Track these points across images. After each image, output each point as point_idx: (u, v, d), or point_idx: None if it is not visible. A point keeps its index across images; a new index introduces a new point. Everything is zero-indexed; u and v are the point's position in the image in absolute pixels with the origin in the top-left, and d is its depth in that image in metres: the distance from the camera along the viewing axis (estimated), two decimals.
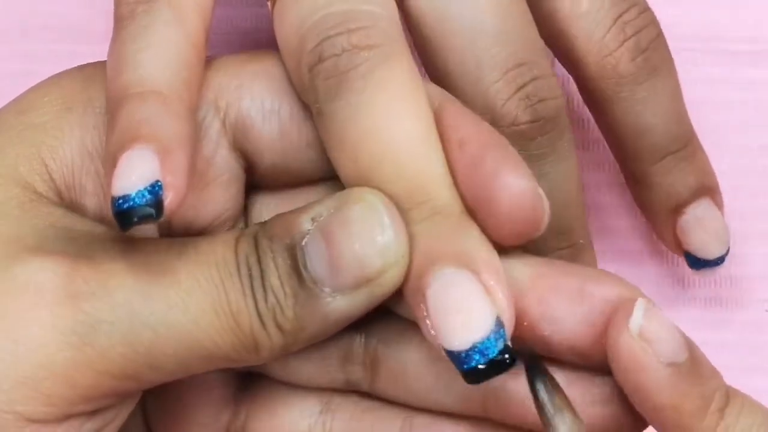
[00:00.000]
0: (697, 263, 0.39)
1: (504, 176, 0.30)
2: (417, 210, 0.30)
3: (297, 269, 0.29)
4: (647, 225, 0.40)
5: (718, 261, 0.39)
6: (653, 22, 0.37)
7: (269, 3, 0.33)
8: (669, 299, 0.42)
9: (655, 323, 0.30)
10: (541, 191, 0.30)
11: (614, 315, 0.30)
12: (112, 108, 0.30)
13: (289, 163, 0.33)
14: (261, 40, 0.42)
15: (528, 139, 0.34)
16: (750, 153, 0.42)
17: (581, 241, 0.36)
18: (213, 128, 0.32)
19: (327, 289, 0.29)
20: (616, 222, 0.42)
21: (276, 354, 0.30)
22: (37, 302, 0.29)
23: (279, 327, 0.29)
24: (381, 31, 0.31)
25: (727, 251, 0.39)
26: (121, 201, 0.28)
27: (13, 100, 0.33)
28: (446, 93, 0.33)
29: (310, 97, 0.31)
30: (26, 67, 0.41)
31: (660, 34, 0.37)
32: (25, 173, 0.31)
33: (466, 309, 0.28)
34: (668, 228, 0.39)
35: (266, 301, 0.29)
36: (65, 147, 0.32)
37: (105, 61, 0.32)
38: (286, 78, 0.32)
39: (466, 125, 0.31)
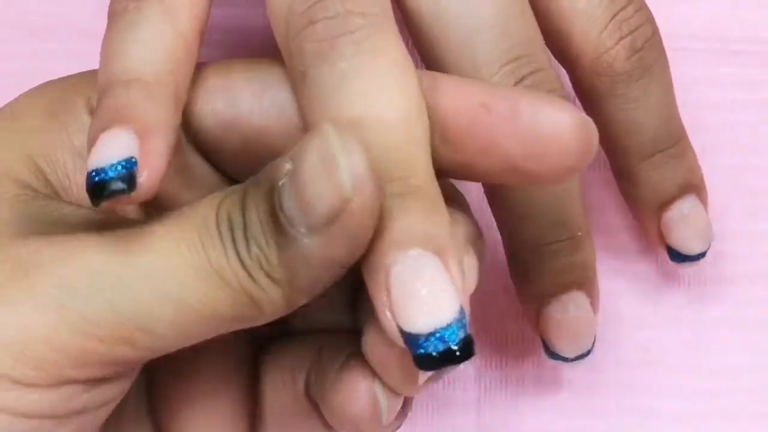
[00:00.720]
0: (678, 257, 0.39)
1: (548, 115, 0.30)
2: (392, 184, 0.29)
3: (274, 213, 0.29)
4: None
5: (699, 256, 0.39)
6: (649, 21, 0.37)
7: None
8: (660, 294, 0.42)
9: None
10: (586, 116, 0.30)
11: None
12: (99, 97, 0.30)
13: (253, 168, 0.32)
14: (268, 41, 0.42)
15: None
16: (750, 153, 0.42)
17: (579, 233, 0.36)
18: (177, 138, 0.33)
19: (303, 230, 0.28)
20: (611, 219, 0.42)
21: (280, 308, 0.29)
22: (14, 272, 0.29)
23: (270, 277, 0.29)
24: (375, 0, 0.31)
25: (708, 247, 0.39)
26: (93, 174, 0.29)
27: (6, 105, 0.34)
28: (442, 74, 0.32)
29: (296, 61, 0.30)
30: (26, 66, 0.42)
31: (655, 33, 0.37)
32: (20, 173, 0.32)
33: (432, 294, 0.28)
34: (653, 223, 0.39)
35: (249, 252, 0.29)
36: (57, 151, 0.32)
37: (89, 71, 0.33)
38: (252, 91, 0.32)
39: (478, 88, 0.31)
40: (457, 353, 0.28)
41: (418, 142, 0.30)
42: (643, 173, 0.38)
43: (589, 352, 0.38)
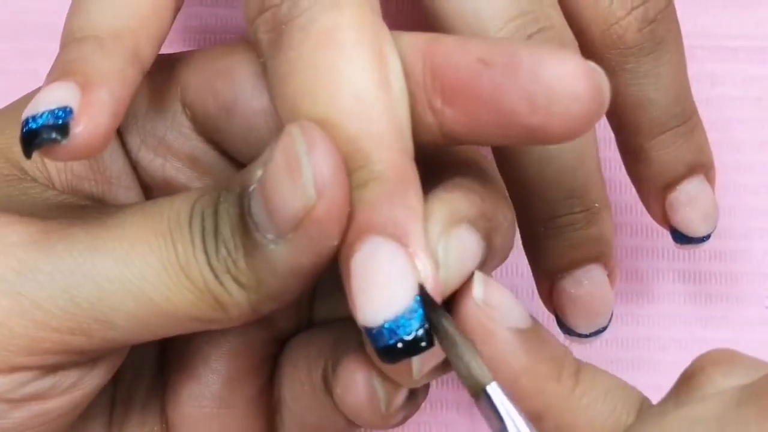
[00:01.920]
0: (682, 239, 0.38)
1: (550, 64, 0.27)
2: (355, 175, 0.28)
3: (243, 217, 0.28)
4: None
5: (704, 239, 0.38)
6: None
7: None
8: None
9: (496, 291, 0.29)
10: (592, 63, 0.28)
11: (460, 289, 0.29)
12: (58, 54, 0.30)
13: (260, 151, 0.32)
14: None
15: None
16: (750, 149, 0.43)
17: (596, 204, 0.35)
18: (181, 123, 0.33)
19: (269, 236, 0.28)
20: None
21: (246, 313, 0.29)
22: None
23: (236, 281, 0.28)
24: None
25: (714, 229, 0.38)
26: (24, 122, 0.28)
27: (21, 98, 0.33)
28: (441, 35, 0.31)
29: (257, 51, 0.30)
30: (26, 66, 0.42)
31: (669, 5, 0.36)
32: (17, 153, 0.31)
33: (384, 281, 0.27)
34: (658, 202, 0.38)
35: (217, 253, 0.28)
36: None
37: None
38: (252, 72, 0.32)
39: (476, 44, 0.29)
40: (413, 343, 0.27)
41: (378, 119, 0.28)
42: (652, 152, 0.37)
43: (605, 329, 0.37)
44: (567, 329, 0.36)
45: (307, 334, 0.34)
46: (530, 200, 0.34)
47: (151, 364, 0.34)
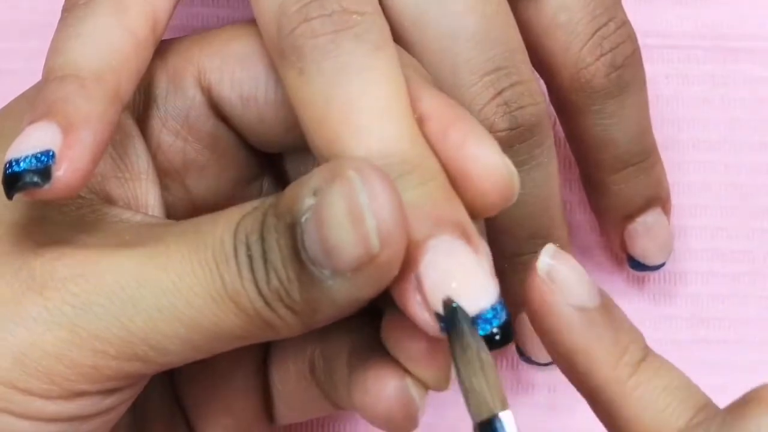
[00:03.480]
0: (639, 266, 0.40)
1: (471, 148, 0.29)
2: (406, 178, 0.29)
3: (296, 249, 0.28)
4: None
5: (659, 266, 0.40)
6: (630, 38, 0.37)
7: None
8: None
9: (564, 266, 0.30)
10: (508, 162, 0.30)
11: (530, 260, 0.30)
12: (37, 92, 0.30)
13: (271, 141, 0.33)
14: None
15: (506, 146, 0.33)
16: (750, 150, 0.43)
17: (557, 244, 0.35)
18: (201, 104, 0.33)
19: (326, 272, 0.28)
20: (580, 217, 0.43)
21: (297, 330, 0.29)
22: (29, 286, 0.29)
23: (289, 308, 0.28)
24: (367, 0, 0.30)
25: (668, 258, 0.40)
26: (7, 165, 0.28)
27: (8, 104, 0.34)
28: (413, 61, 0.32)
29: (291, 58, 0.30)
30: (26, 65, 0.42)
31: (636, 51, 0.37)
32: None
33: (472, 275, 0.28)
34: (617, 232, 0.40)
35: (268, 283, 0.28)
36: None
37: None
38: (268, 64, 0.32)
39: (428, 99, 0.30)
40: (500, 335, 0.28)
41: (419, 132, 0.30)
42: (612, 185, 0.38)
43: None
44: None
45: None
46: (497, 237, 0.36)
47: None
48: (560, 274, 0.29)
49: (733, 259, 0.42)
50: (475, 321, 0.28)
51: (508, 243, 0.36)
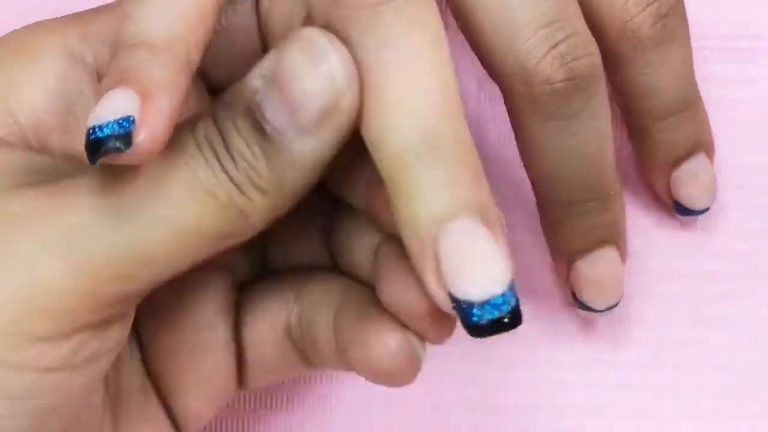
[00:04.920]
0: (684, 211, 0.41)
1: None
2: (436, 153, 0.29)
3: (258, 125, 0.30)
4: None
5: (704, 210, 0.41)
6: None
7: None
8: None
9: None
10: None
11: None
12: (110, 60, 0.31)
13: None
14: None
15: (562, 98, 0.36)
16: (751, 150, 0.43)
17: (611, 192, 0.38)
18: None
19: (291, 135, 0.29)
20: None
21: (266, 217, 0.30)
22: (15, 227, 0.30)
23: (257, 188, 0.30)
24: None
25: (713, 201, 0.41)
26: (90, 132, 0.29)
27: None
28: None
29: (336, 28, 0.30)
30: None
31: (679, 1, 0.38)
32: None
33: (486, 261, 0.28)
34: (663, 179, 0.41)
35: (236, 166, 0.30)
36: (26, 90, 0.33)
37: (51, 18, 0.35)
38: None
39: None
40: (509, 320, 0.28)
41: (457, 110, 0.30)
42: (657, 133, 0.40)
43: (617, 304, 0.40)
44: (582, 305, 0.40)
45: (265, 283, 0.36)
46: (554, 186, 0.38)
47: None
48: None
49: (735, 259, 0.42)
50: (483, 305, 0.28)
51: (565, 193, 0.38)
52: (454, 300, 0.28)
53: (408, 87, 0.29)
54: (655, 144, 0.40)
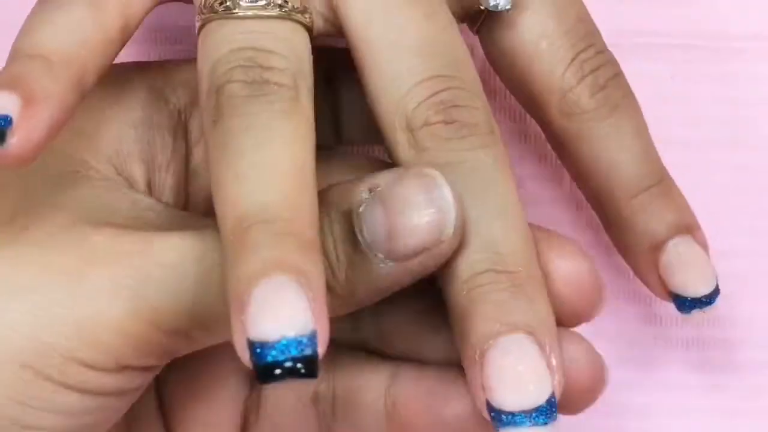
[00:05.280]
0: (686, 304, 0.37)
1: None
2: (267, 227, 0.29)
3: (352, 234, 0.30)
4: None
5: (709, 300, 0.36)
6: (611, 62, 0.37)
7: (196, 30, 0.33)
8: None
9: None
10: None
11: None
12: (5, 66, 0.31)
13: None
14: None
15: (442, 138, 0.32)
16: (757, 150, 0.43)
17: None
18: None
19: (380, 256, 0.30)
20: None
21: (331, 312, 0.30)
22: (92, 260, 0.31)
23: (330, 289, 0.30)
24: (291, 75, 0.31)
25: (717, 290, 0.36)
26: None
27: None
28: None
29: (210, 112, 0.31)
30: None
31: (618, 74, 0.37)
32: (73, 145, 0.33)
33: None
34: (651, 269, 0.37)
35: None
36: (110, 120, 0.34)
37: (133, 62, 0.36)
38: None
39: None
40: (301, 369, 0.28)
41: (303, 191, 0.30)
42: (629, 215, 0.37)
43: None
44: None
45: None
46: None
47: None
48: None
49: (738, 258, 0.42)
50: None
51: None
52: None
53: (256, 168, 0.30)
54: (630, 228, 0.37)
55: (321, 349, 0.27)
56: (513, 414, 0.30)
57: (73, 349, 0.30)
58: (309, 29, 0.33)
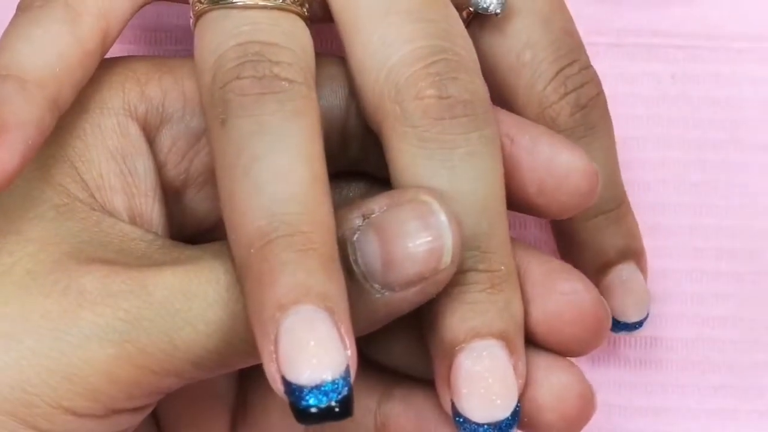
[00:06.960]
0: (617, 326, 0.38)
1: (564, 156, 0.31)
2: (285, 240, 0.28)
3: (346, 262, 0.29)
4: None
5: (637, 325, 0.38)
6: (594, 81, 0.36)
7: (192, 21, 0.32)
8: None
9: None
10: (594, 165, 0.32)
11: None
12: None
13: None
14: None
15: (435, 118, 0.31)
16: (756, 150, 0.43)
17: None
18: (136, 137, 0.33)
19: (377, 286, 0.29)
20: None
21: None
22: (80, 303, 0.29)
23: None
24: (299, 69, 0.30)
25: (647, 316, 0.38)
26: None
27: None
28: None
29: (218, 109, 0.30)
30: None
31: (600, 93, 0.36)
32: (57, 175, 0.32)
33: (319, 348, 0.28)
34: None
35: None
36: (90, 148, 0.33)
37: (113, 61, 0.34)
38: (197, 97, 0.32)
39: (510, 122, 0.32)
40: (337, 410, 0.27)
41: (321, 202, 0.29)
42: (583, 235, 0.37)
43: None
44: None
45: None
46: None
47: None
48: None
49: (738, 258, 0.42)
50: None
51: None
52: (285, 383, 0.28)
53: (269, 174, 0.29)
54: (581, 247, 0.37)
55: (352, 379, 0.27)
56: (478, 424, 0.30)
57: (60, 398, 0.29)
58: (308, 20, 0.32)
